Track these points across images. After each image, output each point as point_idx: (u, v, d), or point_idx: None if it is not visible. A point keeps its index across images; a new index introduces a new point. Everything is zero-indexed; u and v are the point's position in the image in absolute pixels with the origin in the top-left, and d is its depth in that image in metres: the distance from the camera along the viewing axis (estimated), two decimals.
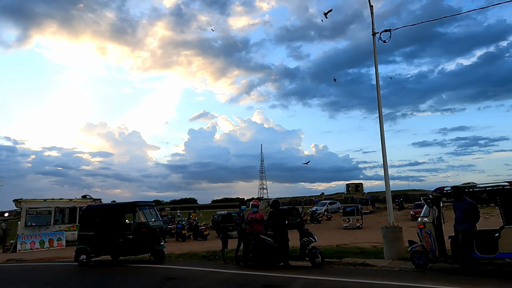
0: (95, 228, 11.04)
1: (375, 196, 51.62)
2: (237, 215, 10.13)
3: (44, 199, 20.80)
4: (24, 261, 15.59)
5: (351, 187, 69.92)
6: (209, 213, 49.83)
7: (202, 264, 10.68)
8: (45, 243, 19.90)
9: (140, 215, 10.83)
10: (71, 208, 21.35)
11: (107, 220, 11.15)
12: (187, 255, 12.92)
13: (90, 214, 11.35)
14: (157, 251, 10.77)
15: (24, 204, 19.83)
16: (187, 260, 11.58)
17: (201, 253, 13.03)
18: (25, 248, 19.18)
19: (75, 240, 21.43)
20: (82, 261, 10.93)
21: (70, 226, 21.06)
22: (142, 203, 11.24)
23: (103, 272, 10.12)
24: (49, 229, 20.39)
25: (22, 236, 19.32)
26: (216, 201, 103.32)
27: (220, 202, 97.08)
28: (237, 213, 10.22)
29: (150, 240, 10.68)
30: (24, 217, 19.72)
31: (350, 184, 70.86)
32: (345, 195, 64.87)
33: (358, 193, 67.57)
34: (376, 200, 48.02)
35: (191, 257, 12.34)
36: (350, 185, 70.67)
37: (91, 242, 10.95)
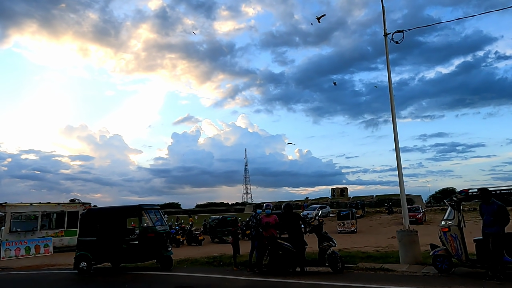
0: (97, 233, 10.29)
1: (361, 200, 52.01)
2: (253, 218, 9.66)
3: (31, 203, 19.59)
4: (11, 269, 14.50)
5: (336, 191, 70.30)
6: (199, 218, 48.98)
7: (211, 270, 10.13)
8: (31, 250, 18.68)
9: (146, 219, 10.18)
10: (58, 213, 20.20)
11: (109, 224, 10.42)
12: (188, 261, 12.32)
13: (91, 218, 10.59)
14: (165, 257, 10.12)
15: (8, 209, 18.58)
16: (193, 267, 10.99)
17: (202, 259, 12.46)
18: (9, 255, 17.92)
19: (63, 246, 20.40)
20: (83, 268, 10.14)
21: (58, 232, 19.91)
22: (147, 206, 10.59)
23: (108, 281, 9.40)
24: (36, 235, 19.17)
25: (7, 242, 18.07)
26: (200, 205, 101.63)
27: (204, 207, 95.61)
28: (253, 216, 9.75)
29: (157, 246, 10.04)
30: (8, 222, 18.46)
31: (335, 189, 71.22)
32: (331, 199, 65.15)
33: (343, 197, 68.02)
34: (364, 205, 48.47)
35: (193, 263, 11.76)
36: (335, 189, 71.03)
37: (92, 248, 10.19)
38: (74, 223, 20.33)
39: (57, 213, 20.16)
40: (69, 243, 20.16)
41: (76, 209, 20.58)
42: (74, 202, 21.19)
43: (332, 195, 71.17)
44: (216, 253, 14.82)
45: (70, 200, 21.50)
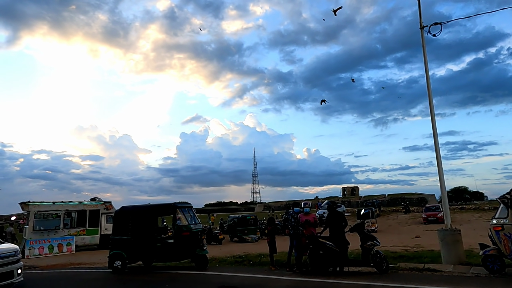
0: (131, 231, 10.12)
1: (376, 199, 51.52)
2: (291, 217, 9.41)
3: (53, 202, 19.58)
4: (37, 267, 14.48)
5: (347, 190, 69.83)
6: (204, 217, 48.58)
7: (247, 270, 9.89)
8: (54, 248, 18.68)
9: (181, 217, 9.98)
10: (80, 211, 20.16)
11: (143, 222, 10.25)
12: (216, 260, 12.09)
13: (124, 216, 10.41)
14: (200, 256, 9.91)
15: (32, 207, 18.59)
16: (225, 267, 10.75)
17: (229, 259, 12.22)
18: (33, 254, 17.94)
19: (85, 245, 20.36)
20: (117, 267, 9.99)
21: (80, 230, 19.87)
22: (181, 204, 10.40)
23: (145, 280, 9.20)
24: (58, 234, 19.16)
25: (31, 241, 18.09)
26: (209, 205, 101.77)
27: (213, 206, 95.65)
28: (290, 215, 9.49)
29: (192, 245, 9.85)
30: (32, 221, 18.47)
31: (346, 188, 70.76)
32: (342, 199, 64.64)
33: (354, 196, 67.48)
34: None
35: (221, 263, 11.54)
36: (346, 188, 70.57)
37: (126, 247, 10.02)
38: (95, 222, 20.31)
39: (78, 212, 20.12)
40: (91, 242, 20.14)
41: (97, 208, 20.55)
42: (94, 201, 21.15)
43: (342, 194, 70.70)
44: (238, 252, 14.58)
45: (91, 199, 21.48)
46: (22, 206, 18.91)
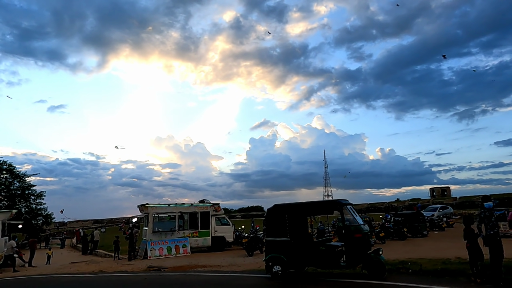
0: (290, 232, 8.77)
1: (495, 200, 44.99)
2: (489, 213, 7.20)
3: (168, 204, 19.63)
4: (165, 268, 14.09)
5: (437, 191, 62.67)
6: None
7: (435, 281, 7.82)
8: (172, 250, 18.57)
9: (350, 216, 8.37)
10: (191, 213, 19.93)
11: (301, 222, 8.86)
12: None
13: (279, 215, 9.08)
14: (376, 262, 8.13)
15: (151, 209, 18.76)
16: (403, 276, 8.71)
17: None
18: (154, 255, 17.96)
19: (198, 246, 20.11)
20: (277, 273, 8.67)
21: (193, 232, 19.59)
22: (345, 201, 8.79)
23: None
24: (174, 235, 19.07)
25: (151, 242, 18.19)
26: None
27: None
28: (488, 211, 7.29)
29: (365, 248, 8.14)
30: (151, 222, 18.61)
31: (435, 189, 63.58)
32: (433, 200, 58.08)
33: (445, 198, 60.27)
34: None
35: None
36: (435, 189, 63.41)
37: (286, 250, 8.68)
38: (206, 224, 19.91)
39: (190, 214, 19.90)
40: (203, 244, 19.74)
41: (207, 210, 20.16)
42: (203, 203, 20.83)
43: (431, 196, 63.68)
44: None
45: (200, 201, 21.20)
46: (142, 208, 19.21)
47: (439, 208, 32.06)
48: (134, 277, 11.74)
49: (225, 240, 20.08)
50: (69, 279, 12.22)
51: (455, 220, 29.83)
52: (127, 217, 64.08)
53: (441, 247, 14.93)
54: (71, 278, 12.29)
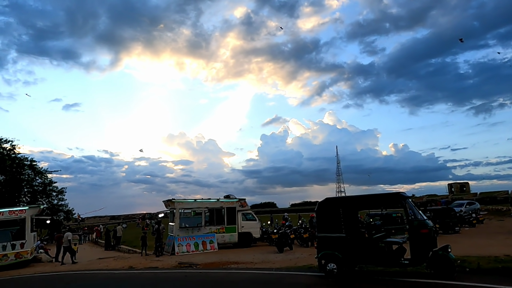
0: (345, 227, 8.10)
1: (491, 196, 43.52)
2: None
3: (195, 199, 19.15)
4: (197, 265, 13.59)
5: (455, 187, 60.95)
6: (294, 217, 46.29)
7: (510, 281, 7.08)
8: (199, 246, 18.11)
9: (413, 210, 7.66)
10: (217, 209, 19.40)
11: (355, 217, 8.19)
12: None
13: (332, 210, 8.42)
14: (444, 260, 7.39)
15: (177, 205, 18.31)
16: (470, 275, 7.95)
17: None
18: (182, 251, 17.52)
19: (225, 242, 19.61)
20: (332, 271, 8.04)
21: (220, 228, 19.07)
22: (405, 194, 8.08)
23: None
24: (201, 231, 18.59)
25: (178, 238, 17.75)
26: (295, 204, 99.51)
27: (299, 206, 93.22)
28: None
29: (430, 245, 7.43)
30: (178, 218, 18.16)
31: (454, 184, 61.86)
32: (452, 196, 56.55)
33: (464, 194, 58.62)
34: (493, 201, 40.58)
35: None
36: (454, 185, 61.69)
37: (341, 247, 8.03)
38: (232, 220, 19.38)
39: (216, 209, 19.39)
40: (230, 240, 19.23)
41: (233, 206, 19.62)
42: (229, 198, 20.28)
43: (449, 191, 62.02)
44: None
45: (225, 196, 20.66)
46: (168, 203, 18.77)
47: (466, 203, 30.91)
48: (172, 274, 11.25)
49: (251, 236, 19.52)
50: (105, 275, 11.81)
51: (484, 216, 28.73)
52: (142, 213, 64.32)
53: (480, 244, 14.11)
54: (108, 275, 11.89)
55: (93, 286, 10.08)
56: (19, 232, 16.28)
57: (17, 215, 16.18)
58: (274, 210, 76.98)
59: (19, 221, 16.30)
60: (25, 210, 16.49)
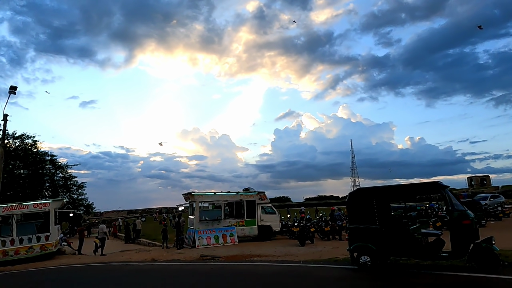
0: (379, 218, 7.74)
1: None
2: None
3: (214, 192, 19.03)
4: (219, 257, 13.45)
5: (476, 181, 59.31)
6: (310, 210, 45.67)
7: None
8: (219, 239, 18.00)
9: (453, 200, 7.23)
10: (237, 202, 19.24)
11: (388, 207, 7.81)
12: None
13: (365, 200, 8.06)
14: (488, 253, 6.95)
15: (197, 198, 18.22)
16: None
17: None
18: (202, 244, 17.45)
19: (244, 235, 19.48)
20: (365, 264, 7.72)
21: (239, 221, 18.92)
22: (444, 184, 7.65)
23: (428, 284, 6.65)
24: (221, 224, 18.47)
25: (199, 231, 17.69)
26: (310, 199, 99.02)
27: (313, 200, 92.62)
28: None
29: (473, 237, 7.00)
30: (198, 211, 18.08)
31: (474, 178, 60.21)
32: (472, 189, 54.98)
33: (485, 187, 56.94)
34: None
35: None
36: (474, 178, 60.05)
37: (375, 239, 7.68)
38: (252, 213, 19.19)
39: (236, 202, 19.23)
40: (250, 233, 19.06)
41: (252, 199, 19.41)
42: (248, 191, 20.09)
43: (469, 185, 60.41)
44: None
45: (244, 189, 20.48)
46: (188, 196, 18.70)
47: (490, 197, 29.86)
48: (198, 266, 11.15)
49: (271, 229, 19.31)
50: (132, 267, 11.81)
51: (510, 209, 27.71)
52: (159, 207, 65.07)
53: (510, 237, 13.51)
54: (134, 267, 11.88)
55: (123, 277, 10.04)
56: (43, 225, 16.50)
57: (41, 208, 16.40)
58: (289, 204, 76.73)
59: (43, 214, 16.53)
60: (49, 203, 16.69)
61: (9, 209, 15.73)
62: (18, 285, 10.37)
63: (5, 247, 15.23)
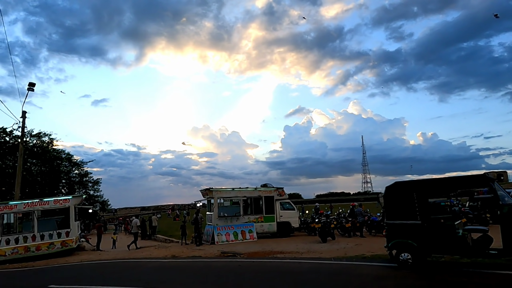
0: (420, 214, 7.29)
1: None
2: None
3: (232, 188, 18.73)
4: (240, 254, 13.16)
5: (492, 176, 57.73)
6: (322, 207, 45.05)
7: None
8: (238, 235, 17.71)
9: (503, 194, 6.76)
10: (255, 198, 18.89)
11: (427, 202, 7.37)
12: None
13: (404, 194, 7.61)
14: None
15: (215, 194, 17.94)
16: None
17: None
18: (221, 240, 17.19)
19: (263, 232, 19.17)
20: (406, 262, 7.29)
21: (258, 217, 18.59)
22: (491, 177, 7.17)
23: (483, 284, 6.20)
24: (239, 220, 18.17)
25: (218, 227, 17.42)
26: (321, 195, 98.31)
27: (324, 197, 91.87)
28: None
29: None
30: (216, 207, 17.81)
31: (491, 173, 58.27)
32: None
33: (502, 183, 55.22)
34: None
35: None
36: (491, 174, 58.27)
37: (416, 235, 7.24)
38: (270, 209, 18.84)
39: (254, 198, 18.89)
40: (269, 230, 18.71)
41: (271, 194, 19.05)
42: (266, 187, 19.73)
43: None
44: None
45: (262, 185, 20.14)
46: (206, 192, 18.44)
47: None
48: (225, 263, 10.85)
49: (290, 226, 18.95)
50: (155, 264, 11.59)
51: None
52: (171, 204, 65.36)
53: None
54: (157, 263, 11.66)
55: (152, 274, 9.80)
56: (63, 221, 16.46)
57: (62, 204, 16.35)
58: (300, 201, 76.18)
59: (63, 210, 16.48)
60: (69, 200, 16.64)
61: (30, 205, 15.72)
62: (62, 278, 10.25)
63: (27, 243, 15.23)
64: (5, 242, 14.87)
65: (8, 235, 15.06)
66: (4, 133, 28.38)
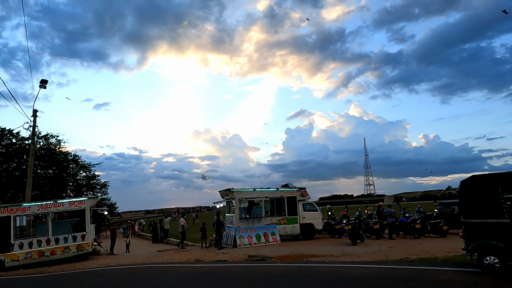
0: (508, 211, 6.32)
1: None
2: None
3: (254, 189, 17.70)
4: (270, 258, 12.15)
5: None
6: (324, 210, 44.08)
7: None
8: (261, 238, 16.67)
9: None
10: (277, 199, 17.86)
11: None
12: None
13: (485, 190, 6.65)
14: None
15: (236, 194, 16.91)
16: None
17: None
18: (244, 243, 16.14)
19: (286, 234, 18.12)
20: (493, 266, 6.31)
21: (281, 219, 17.57)
22: None
23: None
24: (262, 222, 17.14)
25: (239, 229, 16.39)
26: (324, 198, 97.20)
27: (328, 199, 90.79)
28: None
29: None
30: (237, 208, 16.77)
31: None
32: None
33: None
34: None
35: None
36: None
37: (504, 236, 6.27)
38: (293, 210, 17.82)
39: (276, 199, 17.86)
40: (292, 232, 17.67)
41: (293, 195, 18.05)
42: (288, 187, 18.72)
43: None
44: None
45: (283, 185, 19.12)
46: (226, 193, 17.41)
47: None
48: (270, 268, 9.85)
49: (314, 228, 17.92)
50: (187, 269, 10.55)
51: None
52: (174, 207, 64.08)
53: None
54: (189, 269, 10.63)
55: (187, 281, 8.78)
56: (78, 223, 15.39)
57: (77, 206, 15.28)
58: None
59: (78, 212, 15.40)
60: (85, 201, 15.58)
61: (44, 207, 14.64)
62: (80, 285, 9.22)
63: (41, 247, 14.12)
64: (18, 246, 13.77)
65: (22, 239, 13.96)
66: (10, 135, 27.26)
